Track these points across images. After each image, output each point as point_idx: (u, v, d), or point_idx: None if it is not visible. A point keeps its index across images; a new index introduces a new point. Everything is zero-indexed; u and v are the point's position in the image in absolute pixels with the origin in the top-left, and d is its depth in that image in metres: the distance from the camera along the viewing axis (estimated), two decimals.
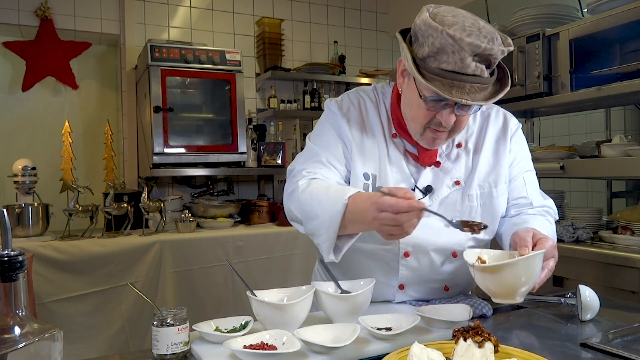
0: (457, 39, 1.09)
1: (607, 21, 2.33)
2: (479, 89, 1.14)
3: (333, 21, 4.39)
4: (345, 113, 1.36)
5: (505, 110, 1.49)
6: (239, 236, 3.15)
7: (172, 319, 1.05)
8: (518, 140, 1.42)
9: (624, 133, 2.91)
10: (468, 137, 1.38)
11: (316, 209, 1.19)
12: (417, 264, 1.33)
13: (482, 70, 1.13)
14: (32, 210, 2.93)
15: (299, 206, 1.25)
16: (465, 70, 1.11)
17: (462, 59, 1.10)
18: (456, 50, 1.10)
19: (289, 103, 3.98)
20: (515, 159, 1.40)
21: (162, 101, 3.22)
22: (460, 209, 1.33)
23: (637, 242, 2.20)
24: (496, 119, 1.42)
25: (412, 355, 0.89)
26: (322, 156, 1.32)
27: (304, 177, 1.29)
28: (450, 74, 1.12)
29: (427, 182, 1.32)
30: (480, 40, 1.10)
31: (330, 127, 1.37)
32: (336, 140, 1.35)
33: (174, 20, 3.83)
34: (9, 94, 3.75)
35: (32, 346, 0.73)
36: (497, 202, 1.36)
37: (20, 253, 0.75)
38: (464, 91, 1.13)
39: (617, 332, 1.15)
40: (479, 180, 1.34)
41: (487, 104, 1.17)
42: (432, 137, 1.25)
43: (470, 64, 1.11)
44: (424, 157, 1.32)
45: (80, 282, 2.76)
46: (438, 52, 1.12)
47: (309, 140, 1.40)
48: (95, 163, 3.80)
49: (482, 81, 1.14)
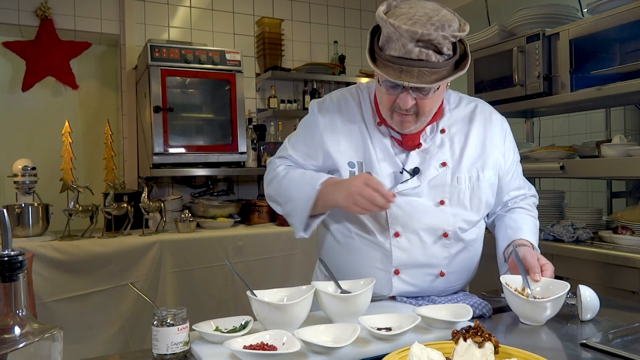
0: (396, 27, 1.19)
1: (607, 21, 2.33)
2: (430, 73, 1.22)
3: (333, 21, 4.39)
4: (324, 112, 1.46)
5: (501, 106, 1.58)
6: (239, 236, 3.15)
7: (172, 319, 1.05)
8: (509, 135, 1.51)
9: (624, 133, 2.91)
10: (451, 124, 1.45)
11: (292, 193, 1.40)
12: (409, 244, 1.38)
13: (427, 55, 1.20)
14: (32, 210, 2.93)
15: (279, 190, 1.45)
16: (410, 56, 1.20)
17: (404, 45, 1.20)
18: (398, 38, 1.20)
19: (289, 103, 3.98)
20: (507, 152, 1.48)
21: (162, 101, 3.23)
22: (449, 190, 1.39)
23: (637, 242, 2.20)
24: (482, 111, 1.49)
25: (412, 355, 0.88)
26: (290, 155, 1.49)
27: (279, 165, 1.49)
28: (398, 60, 1.22)
29: (414, 164, 1.39)
30: (419, 27, 1.18)
31: (305, 128, 1.50)
32: (308, 140, 1.47)
33: (174, 20, 3.83)
34: (9, 94, 3.75)
35: (32, 346, 0.73)
36: (485, 186, 1.43)
37: (20, 253, 0.75)
38: (412, 75, 1.22)
39: (617, 332, 1.15)
40: (467, 165, 1.41)
41: (433, 85, 1.24)
42: (399, 120, 1.34)
43: (414, 50, 1.20)
44: (407, 141, 1.40)
45: (80, 282, 2.76)
46: (387, 40, 1.24)
47: (287, 139, 1.56)
48: (95, 163, 3.80)
49: (430, 65, 1.22)
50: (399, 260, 1.38)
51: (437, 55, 1.21)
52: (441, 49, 1.22)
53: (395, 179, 1.39)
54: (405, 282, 1.40)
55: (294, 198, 1.40)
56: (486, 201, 1.44)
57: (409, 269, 1.39)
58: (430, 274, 1.41)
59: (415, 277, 1.40)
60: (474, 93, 3.02)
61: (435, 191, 1.38)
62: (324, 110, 1.46)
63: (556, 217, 2.77)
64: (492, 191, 1.46)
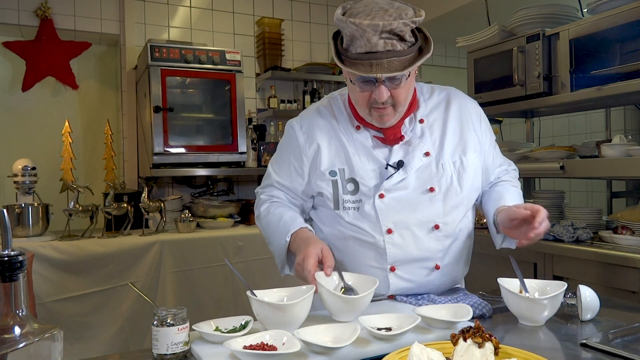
0: (357, 24, 1.23)
1: (607, 21, 2.33)
2: (398, 62, 1.26)
3: (333, 21, 4.38)
4: (302, 130, 1.49)
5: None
6: (239, 236, 3.15)
7: (172, 319, 1.05)
8: (483, 117, 1.54)
9: (624, 133, 2.91)
10: (428, 113, 1.48)
11: (270, 238, 1.50)
12: (402, 240, 1.39)
13: (392, 44, 1.25)
14: (32, 210, 2.93)
15: (262, 229, 1.55)
16: (377, 49, 1.24)
17: (369, 40, 1.24)
18: (361, 34, 1.24)
19: (289, 103, 3.98)
20: (484, 134, 1.51)
21: (162, 101, 3.23)
22: (436, 177, 1.41)
23: (637, 242, 2.20)
24: (455, 98, 1.52)
25: (412, 355, 0.88)
26: (275, 180, 1.54)
27: (264, 202, 1.55)
28: (367, 55, 1.26)
29: (398, 158, 1.41)
30: (379, 19, 1.22)
31: (285, 148, 1.54)
32: (289, 159, 1.50)
33: (174, 20, 3.83)
34: (9, 94, 3.75)
35: (32, 346, 0.73)
36: (469, 169, 1.45)
37: (20, 253, 0.75)
38: (382, 66, 1.25)
39: (617, 332, 1.15)
40: (450, 152, 1.44)
41: (406, 71, 1.27)
42: (378, 114, 1.36)
43: (379, 42, 1.24)
44: (389, 136, 1.43)
45: (80, 282, 2.76)
46: (351, 39, 1.27)
47: (269, 163, 1.60)
48: (95, 163, 3.80)
49: (397, 54, 1.26)
50: (393, 256, 1.40)
51: (401, 43, 1.26)
52: (404, 37, 1.26)
53: (380, 175, 1.41)
54: (401, 278, 1.41)
55: (271, 242, 1.50)
56: (473, 184, 1.46)
57: (404, 264, 1.41)
58: (425, 268, 1.42)
59: (411, 272, 1.42)
60: (474, 93, 3.02)
61: (423, 180, 1.40)
62: (301, 127, 1.49)
63: (556, 217, 2.77)
64: (478, 174, 1.48)
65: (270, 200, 1.54)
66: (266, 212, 1.52)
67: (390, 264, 1.40)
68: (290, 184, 1.51)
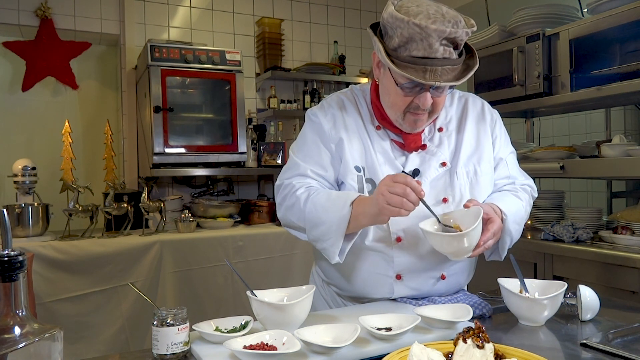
0: (423, 27, 1.17)
1: (607, 21, 2.33)
2: (450, 70, 1.23)
3: (333, 21, 4.39)
4: (327, 118, 1.42)
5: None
6: (239, 236, 3.15)
7: (172, 319, 1.05)
8: (498, 125, 1.50)
9: (624, 133, 2.91)
10: (448, 122, 1.45)
11: (322, 216, 1.28)
12: (411, 249, 1.36)
13: (450, 52, 1.22)
14: (32, 210, 2.93)
15: (303, 215, 1.33)
16: (435, 55, 1.20)
17: (430, 45, 1.19)
18: (424, 38, 1.19)
19: (289, 103, 3.98)
20: (499, 144, 1.47)
21: (162, 101, 3.23)
22: (450, 187, 1.38)
23: (637, 242, 2.20)
24: (474, 105, 1.49)
25: (412, 355, 0.88)
26: (306, 168, 1.40)
27: (298, 187, 1.36)
28: (422, 60, 1.21)
29: (414, 166, 1.38)
30: (445, 25, 1.18)
31: (312, 136, 1.43)
32: (319, 148, 1.41)
33: (174, 20, 3.83)
34: (9, 94, 3.75)
35: (32, 346, 0.73)
36: (483, 180, 1.42)
37: (20, 253, 0.75)
38: (436, 74, 1.22)
39: (617, 332, 1.15)
40: (464, 161, 1.40)
41: (459, 83, 1.24)
42: (413, 119, 1.33)
43: (439, 49, 1.20)
44: (409, 143, 1.39)
45: (80, 282, 2.76)
46: (407, 41, 1.21)
47: (292, 153, 1.46)
48: (95, 163, 3.80)
49: (451, 63, 1.23)
50: (400, 265, 1.36)
51: (455, 52, 1.23)
52: (459, 45, 1.23)
53: None
54: (407, 286, 1.38)
55: (324, 221, 1.28)
56: (485, 195, 1.43)
57: (411, 273, 1.38)
58: (431, 277, 1.40)
59: (416, 281, 1.38)
60: (474, 93, 3.02)
61: (437, 191, 1.37)
62: (326, 115, 1.42)
63: (556, 217, 2.77)
64: (491, 185, 1.45)
65: (306, 185, 1.37)
66: (306, 195, 1.34)
67: (396, 272, 1.37)
68: (324, 172, 1.40)
